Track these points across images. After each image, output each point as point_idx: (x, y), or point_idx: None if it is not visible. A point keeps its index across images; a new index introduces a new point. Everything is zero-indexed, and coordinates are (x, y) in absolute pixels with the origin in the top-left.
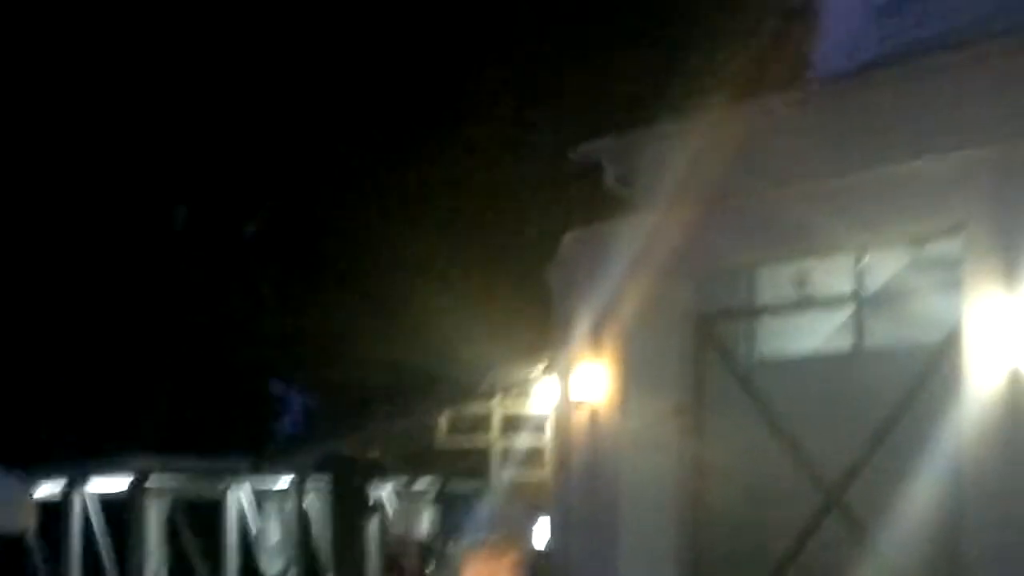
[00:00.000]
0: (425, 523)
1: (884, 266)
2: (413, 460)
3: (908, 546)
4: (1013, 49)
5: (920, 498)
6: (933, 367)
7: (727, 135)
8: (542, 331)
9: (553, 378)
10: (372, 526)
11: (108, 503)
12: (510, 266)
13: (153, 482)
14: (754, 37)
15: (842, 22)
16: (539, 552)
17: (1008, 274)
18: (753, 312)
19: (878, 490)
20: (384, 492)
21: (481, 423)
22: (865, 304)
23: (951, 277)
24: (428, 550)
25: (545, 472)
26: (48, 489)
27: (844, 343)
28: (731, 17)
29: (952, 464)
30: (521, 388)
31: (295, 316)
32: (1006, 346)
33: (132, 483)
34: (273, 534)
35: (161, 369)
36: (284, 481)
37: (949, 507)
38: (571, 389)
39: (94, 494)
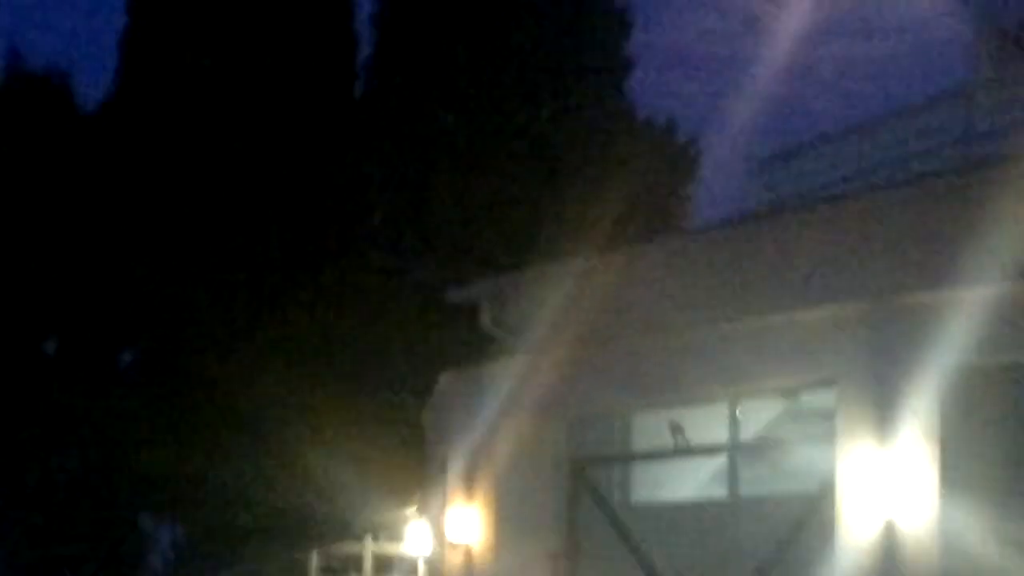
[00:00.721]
0: None
1: (759, 415)
2: None
3: None
4: (887, 205)
5: None
6: (808, 517)
7: (604, 280)
8: (416, 472)
9: (426, 519)
10: None
11: None
12: (384, 405)
13: None
14: (634, 183)
15: (723, 172)
16: None
17: (880, 427)
18: (628, 457)
19: None
20: None
21: (353, 563)
22: (740, 453)
23: (825, 428)
24: None
25: None
26: None
27: (719, 491)
28: (612, 163)
29: None
30: (394, 529)
31: (167, 451)
32: (880, 498)
33: None
34: None
35: (24, 501)
36: None
37: None
38: (445, 531)
39: None
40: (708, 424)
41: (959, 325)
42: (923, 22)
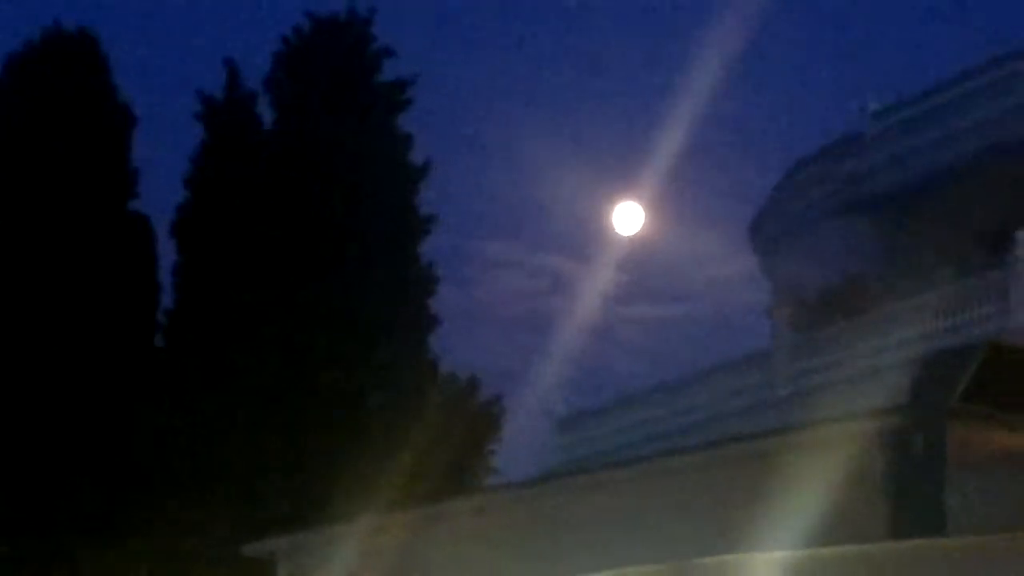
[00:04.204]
0: None
1: None
2: None
3: None
4: (685, 469)
5: None
6: None
7: (399, 538)
8: None
9: None
10: None
11: None
12: None
13: None
14: (435, 440)
15: (525, 430)
16: None
17: None
18: None
19: None
20: None
21: None
22: None
23: None
24: None
25: None
26: None
27: None
28: (414, 419)
29: None
30: None
31: None
32: None
33: None
34: None
35: None
36: None
37: None
38: None
39: None
40: None
41: None
42: (727, 286)
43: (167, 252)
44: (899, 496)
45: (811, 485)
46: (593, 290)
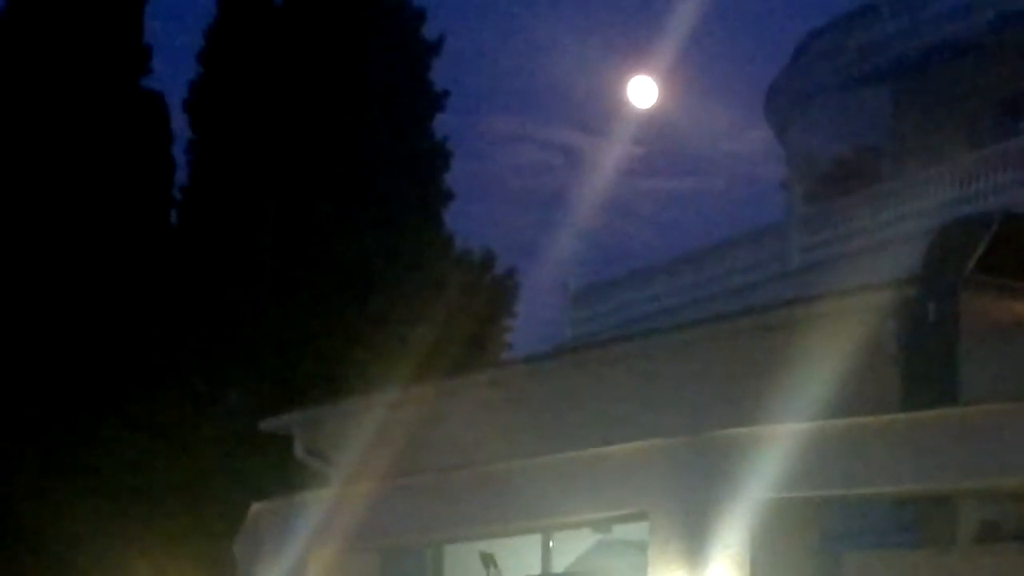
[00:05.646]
0: None
1: (571, 547)
2: None
3: None
4: (699, 341)
5: None
6: None
7: (416, 411)
8: None
9: None
10: None
11: None
12: (196, 536)
13: None
14: (450, 314)
15: (538, 305)
16: None
17: (692, 559)
18: None
19: None
20: None
21: None
22: None
23: (638, 559)
24: None
25: None
26: None
27: None
28: (429, 294)
29: None
30: None
31: None
32: None
33: None
34: None
35: None
36: None
37: None
38: None
39: None
40: (521, 555)
41: (767, 460)
42: (741, 160)
43: (181, 129)
44: (912, 366)
45: (825, 356)
46: (608, 164)
